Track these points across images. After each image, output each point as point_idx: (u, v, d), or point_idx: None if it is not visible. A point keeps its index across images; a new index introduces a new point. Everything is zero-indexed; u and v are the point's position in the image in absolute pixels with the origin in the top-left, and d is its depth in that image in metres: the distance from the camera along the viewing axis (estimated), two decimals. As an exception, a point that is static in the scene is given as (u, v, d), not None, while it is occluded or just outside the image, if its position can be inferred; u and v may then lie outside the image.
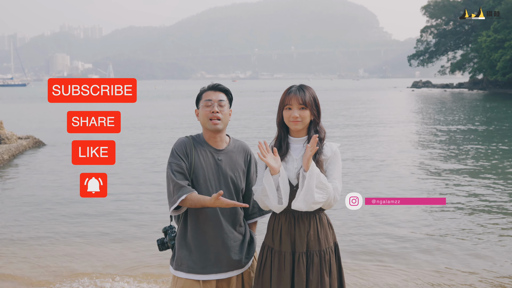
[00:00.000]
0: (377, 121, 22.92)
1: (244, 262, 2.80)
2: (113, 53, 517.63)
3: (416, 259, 5.47)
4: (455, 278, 4.95)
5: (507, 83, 55.83)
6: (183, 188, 2.63)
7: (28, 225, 6.84)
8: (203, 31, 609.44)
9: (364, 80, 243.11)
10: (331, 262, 2.63)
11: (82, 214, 7.39)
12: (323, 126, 2.71)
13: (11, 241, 6.19)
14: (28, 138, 14.90)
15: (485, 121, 22.84)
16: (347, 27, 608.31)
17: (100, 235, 6.41)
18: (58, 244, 6.06)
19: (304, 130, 2.67)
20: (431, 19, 76.25)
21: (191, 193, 2.63)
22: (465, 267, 5.22)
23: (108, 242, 6.14)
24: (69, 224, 6.93)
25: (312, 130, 2.65)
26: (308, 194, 2.48)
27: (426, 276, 5.00)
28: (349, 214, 6.99)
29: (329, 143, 2.67)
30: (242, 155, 2.87)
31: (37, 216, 7.32)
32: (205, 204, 2.61)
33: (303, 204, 2.50)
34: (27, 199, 8.36)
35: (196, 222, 2.71)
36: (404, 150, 13.83)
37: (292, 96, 2.62)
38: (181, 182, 2.64)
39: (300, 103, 2.60)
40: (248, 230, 2.89)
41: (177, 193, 2.63)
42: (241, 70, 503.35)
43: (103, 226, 6.81)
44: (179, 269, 2.71)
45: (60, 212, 7.55)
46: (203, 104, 2.77)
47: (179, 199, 2.62)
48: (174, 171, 2.67)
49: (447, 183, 9.36)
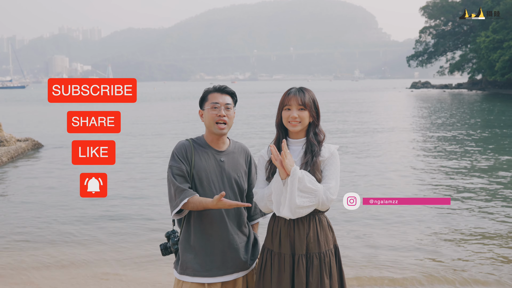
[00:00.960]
0: (376, 122, 22.92)
1: (249, 264, 2.79)
2: (112, 55, 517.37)
3: (415, 259, 5.48)
4: (456, 278, 4.95)
5: (506, 83, 55.90)
6: (184, 191, 2.62)
7: (27, 227, 6.83)
8: (202, 33, 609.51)
9: (363, 81, 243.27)
10: (331, 264, 2.62)
11: (82, 215, 7.39)
12: (322, 129, 2.70)
13: (10, 242, 6.18)
14: (27, 140, 14.88)
15: (485, 121, 22.87)
16: (346, 28, 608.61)
17: (100, 236, 6.40)
18: (58, 246, 6.05)
19: (302, 131, 2.67)
20: (429, 20, 76.33)
21: (192, 196, 2.62)
22: (466, 269, 5.22)
23: (109, 243, 6.13)
24: (68, 225, 6.92)
25: (311, 132, 2.65)
26: (291, 200, 2.48)
27: (426, 277, 5.01)
28: (348, 215, 7.00)
29: (327, 145, 2.66)
30: (243, 156, 2.86)
31: (36, 217, 7.31)
32: (208, 206, 2.60)
33: (288, 211, 2.49)
34: (27, 201, 8.34)
35: (201, 225, 2.69)
36: (403, 150, 13.84)
37: (291, 96, 2.62)
38: (182, 186, 2.63)
39: (299, 103, 2.60)
40: (252, 231, 2.89)
41: (179, 197, 2.62)
42: (240, 72, 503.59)
43: (103, 226, 6.81)
44: (184, 273, 2.68)
45: (59, 213, 7.54)
46: (209, 107, 2.73)
47: (181, 202, 2.61)
48: (175, 174, 2.66)
49: (448, 183, 9.37)
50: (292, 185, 2.46)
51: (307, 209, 2.51)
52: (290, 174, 2.47)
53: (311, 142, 2.63)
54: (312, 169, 2.56)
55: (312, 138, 2.64)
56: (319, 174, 2.57)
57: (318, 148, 2.62)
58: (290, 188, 2.47)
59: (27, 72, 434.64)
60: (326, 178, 2.58)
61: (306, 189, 2.48)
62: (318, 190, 2.50)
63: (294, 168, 2.47)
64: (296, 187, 2.46)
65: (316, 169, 2.57)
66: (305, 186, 2.47)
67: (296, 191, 2.46)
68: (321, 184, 2.54)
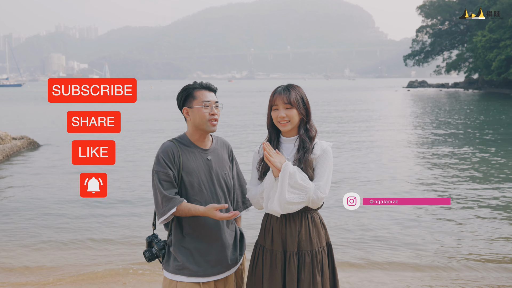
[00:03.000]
0: (374, 121, 22.95)
1: (238, 259, 2.79)
2: (109, 53, 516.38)
3: (414, 260, 5.49)
4: (456, 279, 4.96)
5: (502, 82, 56.07)
6: (172, 200, 2.57)
7: (25, 227, 6.81)
8: (199, 31, 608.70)
9: (360, 80, 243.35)
10: (323, 262, 2.61)
11: (79, 216, 7.36)
12: (314, 124, 2.68)
13: (8, 243, 6.16)
14: (22, 139, 14.82)
15: (484, 119, 22.93)
16: (342, 27, 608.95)
17: (100, 236, 6.39)
18: (57, 247, 6.04)
19: (294, 129, 2.64)
20: (426, 19, 76.51)
21: (180, 203, 2.59)
22: (466, 269, 5.23)
23: (109, 243, 6.12)
24: (66, 225, 6.90)
25: (302, 129, 2.63)
26: (281, 195, 2.47)
27: (425, 278, 5.02)
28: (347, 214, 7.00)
29: (320, 142, 2.63)
30: (225, 150, 2.84)
31: (33, 217, 7.29)
32: (198, 213, 2.57)
33: (277, 206, 2.49)
34: (22, 199, 8.31)
35: (193, 226, 2.66)
36: (402, 151, 13.86)
37: (277, 96, 2.60)
38: (169, 194, 2.58)
39: (286, 102, 2.57)
40: (236, 226, 2.86)
41: (167, 205, 2.57)
42: (237, 70, 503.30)
43: (104, 226, 6.79)
44: (179, 273, 2.65)
45: (55, 212, 7.52)
46: (201, 105, 2.67)
47: (170, 211, 2.57)
48: (162, 180, 2.60)
49: (448, 182, 9.39)
50: (283, 180, 2.46)
51: (296, 205, 2.50)
52: (281, 169, 2.47)
53: (302, 138, 2.61)
54: (305, 166, 2.55)
55: (303, 134, 2.62)
56: (311, 171, 2.56)
57: (310, 144, 2.61)
58: (281, 183, 2.46)
59: (24, 70, 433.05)
60: (317, 175, 2.56)
61: (296, 186, 2.47)
62: (309, 188, 2.48)
63: (286, 163, 2.47)
64: (287, 182, 2.45)
65: (309, 166, 2.55)
66: (296, 182, 2.46)
67: (286, 186, 2.45)
68: (312, 182, 2.53)
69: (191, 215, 2.60)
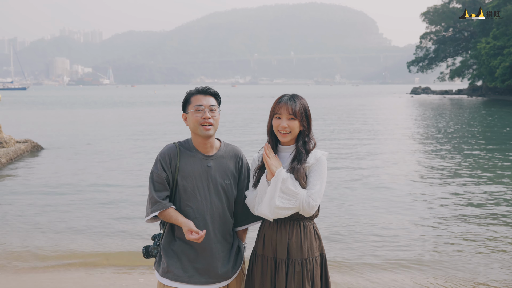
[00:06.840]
0: (377, 128, 22.92)
1: (231, 273, 2.71)
2: (112, 58, 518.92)
3: (415, 265, 5.45)
4: (456, 279, 4.92)
5: (506, 89, 56.04)
6: (157, 204, 2.58)
7: (26, 228, 6.80)
8: (203, 36, 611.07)
9: (363, 86, 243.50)
10: (314, 272, 2.57)
11: (82, 216, 7.36)
12: (313, 137, 2.66)
13: (11, 245, 6.15)
14: (26, 142, 14.86)
15: (488, 127, 22.86)
16: (346, 33, 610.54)
17: (100, 236, 6.38)
18: (58, 248, 6.03)
19: (292, 139, 2.62)
20: (430, 26, 76.66)
21: (166, 209, 2.58)
22: (465, 274, 5.19)
23: (110, 244, 6.11)
24: (67, 226, 6.89)
25: (300, 141, 2.60)
26: (272, 199, 2.47)
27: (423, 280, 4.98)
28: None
29: (314, 151, 2.61)
30: (233, 160, 2.75)
31: (36, 219, 7.29)
32: (179, 224, 2.56)
33: (267, 209, 2.50)
34: (26, 203, 8.31)
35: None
36: (402, 156, 13.83)
37: (282, 105, 2.57)
38: (157, 196, 2.59)
39: (290, 113, 2.55)
40: (237, 240, 2.80)
41: (151, 207, 2.60)
42: (241, 75, 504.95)
43: (103, 227, 6.78)
44: (165, 276, 2.63)
45: (59, 215, 7.51)
46: (193, 110, 2.63)
47: (152, 214, 2.59)
48: (155, 181, 2.62)
49: (449, 189, 9.35)
50: (275, 185, 2.47)
51: (286, 211, 2.49)
52: (275, 174, 2.47)
53: (299, 150, 2.59)
54: (297, 176, 2.53)
55: (301, 146, 2.59)
56: (303, 181, 2.53)
57: (306, 157, 2.58)
58: (273, 187, 2.47)
59: (28, 73, 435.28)
60: (310, 184, 2.54)
61: (287, 191, 2.46)
62: (300, 194, 2.47)
63: (280, 169, 2.48)
64: (279, 187, 2.46)
65: (301, 176, 2.53)
66: (287, 188, 2.46)
67: (278, 192, 2.46)
68: (304, 190, 2.51)
69: (175, 223, 2.59)
